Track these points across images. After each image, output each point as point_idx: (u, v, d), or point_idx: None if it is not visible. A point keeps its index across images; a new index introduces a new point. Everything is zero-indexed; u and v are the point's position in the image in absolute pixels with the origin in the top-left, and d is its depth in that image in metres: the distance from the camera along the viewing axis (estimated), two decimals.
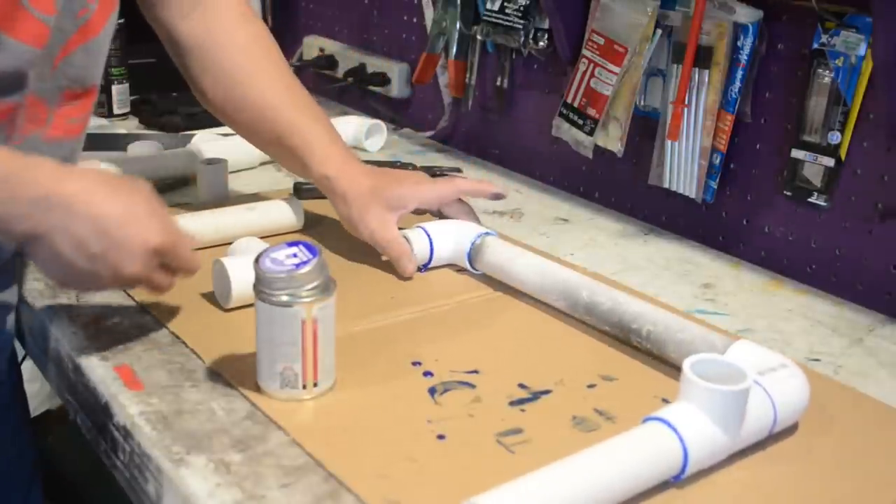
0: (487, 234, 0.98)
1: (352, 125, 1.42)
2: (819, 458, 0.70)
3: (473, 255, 0.97)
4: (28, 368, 0.90)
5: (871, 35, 0.93)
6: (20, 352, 0.97)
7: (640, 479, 0.63)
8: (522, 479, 0.59)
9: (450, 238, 0.99)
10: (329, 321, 0.72)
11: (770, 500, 0.66)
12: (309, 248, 0.72)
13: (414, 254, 0.96)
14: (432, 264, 0.98)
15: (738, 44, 1.05)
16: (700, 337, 0.79)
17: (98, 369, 0.77)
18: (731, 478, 0.67)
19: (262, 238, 0.94)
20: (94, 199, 0.70)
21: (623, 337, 0.84)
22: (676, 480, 0.65)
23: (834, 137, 1.00)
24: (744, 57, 1.05)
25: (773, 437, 0.71)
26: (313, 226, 1.08)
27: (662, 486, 0.65)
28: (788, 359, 0.74)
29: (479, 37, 1.39)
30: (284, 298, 0.70)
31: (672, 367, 0.80)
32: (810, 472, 0.69)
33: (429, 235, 0.98)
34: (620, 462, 0.62)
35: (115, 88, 1.53)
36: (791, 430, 0.73)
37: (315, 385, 0.73)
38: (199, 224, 0.98)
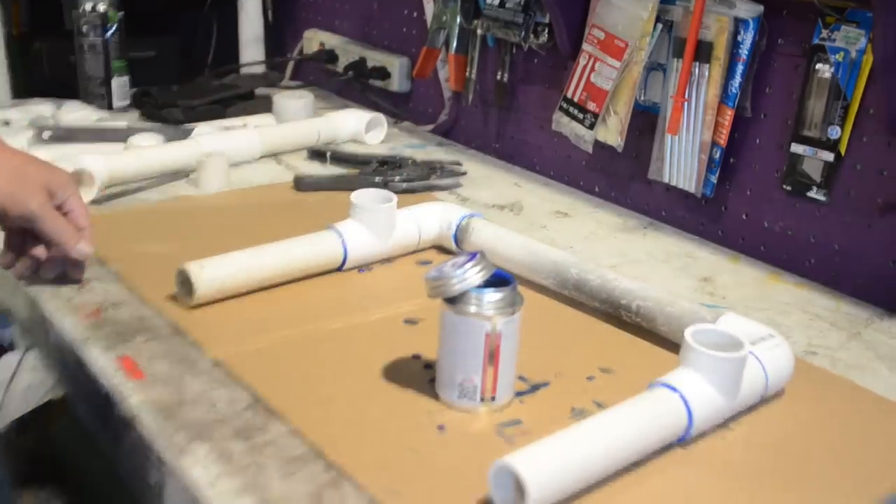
0: (472, 215, 0.99)
1: (352, 118, 1.43)
2: (810, 436, 0.72)
3: (460, 235, 0.99)
4: (31, 358, 0.91)
5: (872, 30, 0.93)
6: (21, 343, 0.98)
7: (650, 436, 0.66)
8: (548, 438, 0.61)
9: (434, 219, 1.01)
10: (513, 337, 0.71)
11: (767, 457, 0.69)
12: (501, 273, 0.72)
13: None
14: (419, 245, 1.01)
15: (739, 39, 1.06)
16: (689, 311, 0.81)
17: (99, 360, 0.77)
18: (730, 438, 0.71)
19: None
20: None
21: (613, 312, 0.87)
22: (682, 442, 0.68)
23: (833, 132, 1.00)
24: (744, 52, 1.06)
25: (765, 408, 0.75)
26: (313, 218, 1.08)
27: (668, 449, 0.68)
28: (773, 329, 0.78)
29: (479, 31, 1.39)
30: (471, 309, 0.70)
31: (666, 350, 0.82)
32: (803, 446, 0.70)
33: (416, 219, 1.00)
34: (634, 421, 0.66)
35: (115, 81, 1.53)
36: (782, 397, 0.77)
37: (493, 399, 0.72)
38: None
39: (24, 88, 1.53)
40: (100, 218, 1.07)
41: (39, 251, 0.86)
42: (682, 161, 1.14)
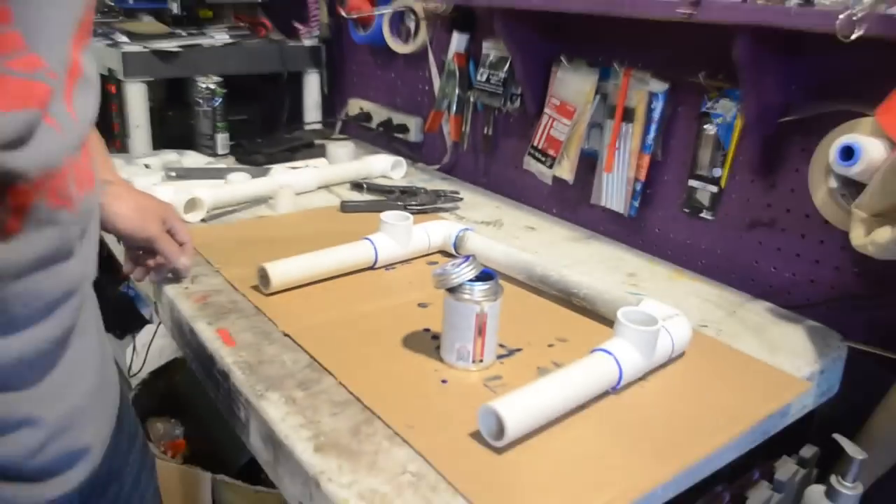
0: (467, 229, 0.99)
1: (381, 160, 1.41)
2: (703, 385, 0.71)
3: (458, 243, 0.98)
4: (162, 329, 0.90)
5: (741, 102, 0.92)
6: (155, 318, 0.96)
7: (592, 386, 0.66)
8: (520, 389, 0.61)
9: (439, 232, 1.00)
10: (496, 317, 0.71)
11: (673, 399, 0.67)
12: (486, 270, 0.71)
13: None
14: (429, 250, 1.00)
15: (653, 106, 1.05)
16: (619, 297, 0.81)
17: (205, 331, 0.77)
18: (648, 386, 0.70)
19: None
20: None
21: (567, 298, 0.86)
22: (615, 390, 0.68)
23: (717, 172, 0.99)
24: (656, 115, 1.05)
25: (672, 365, 0.74)
26: (354, 231, 1.04)
27: (604, 395, 0.68)
28: (677, 310, 0.77)
29: (472, 99, 1.38)
30: (466, 297, 0.69)
31: (604, 325, 0.81)
32: (698, 392, 0.69)
33: (426, 231, 0.99)
34: (581, 376, 0.65)
35: (218, 136, 1.52)
36: (683, 358, 0.76)
37: (481, 361, 0.71)
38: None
39: (158, 142, 1.54)
40: (207, 231, 1.06)
41: (152, 262, 0.85)
42: (614, 191, 1.13)
